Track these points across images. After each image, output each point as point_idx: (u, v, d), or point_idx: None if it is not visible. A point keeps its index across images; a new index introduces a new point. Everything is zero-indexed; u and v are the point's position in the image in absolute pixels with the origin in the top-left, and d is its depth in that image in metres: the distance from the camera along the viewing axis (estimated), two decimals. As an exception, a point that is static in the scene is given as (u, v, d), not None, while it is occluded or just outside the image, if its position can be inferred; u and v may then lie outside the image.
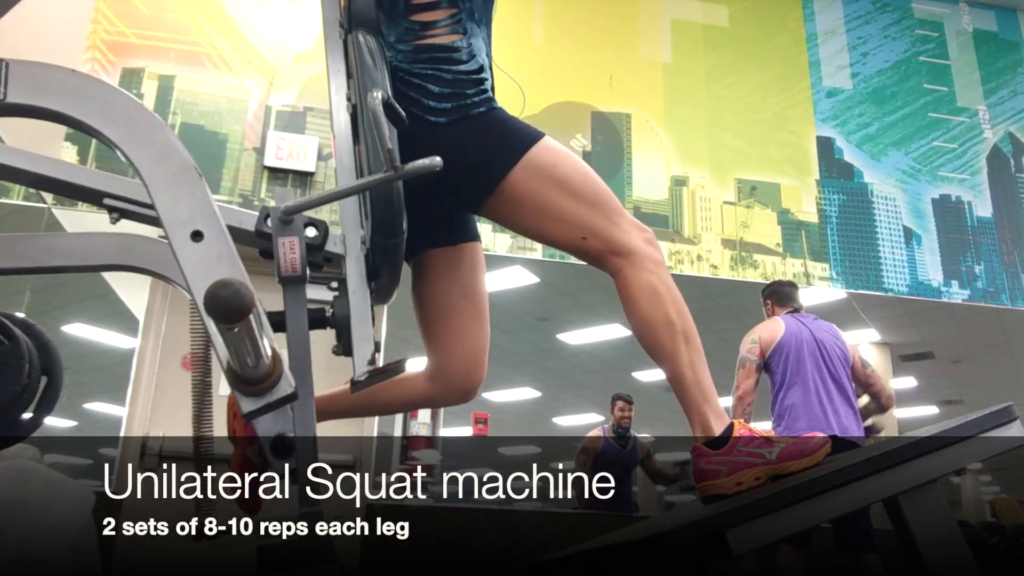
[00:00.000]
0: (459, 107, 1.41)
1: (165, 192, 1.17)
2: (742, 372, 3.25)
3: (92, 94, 1.22)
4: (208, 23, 4.28)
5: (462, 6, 1.48)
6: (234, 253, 1.15)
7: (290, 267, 1.17)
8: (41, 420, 1.42)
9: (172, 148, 1.20)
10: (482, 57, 1.48)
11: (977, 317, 5.70)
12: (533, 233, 1.48)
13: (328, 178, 4.14)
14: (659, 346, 1.40)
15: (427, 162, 1.11)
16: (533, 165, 1.41)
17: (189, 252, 1.13)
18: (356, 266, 1.27)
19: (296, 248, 1.18)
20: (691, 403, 1.38)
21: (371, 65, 1.30)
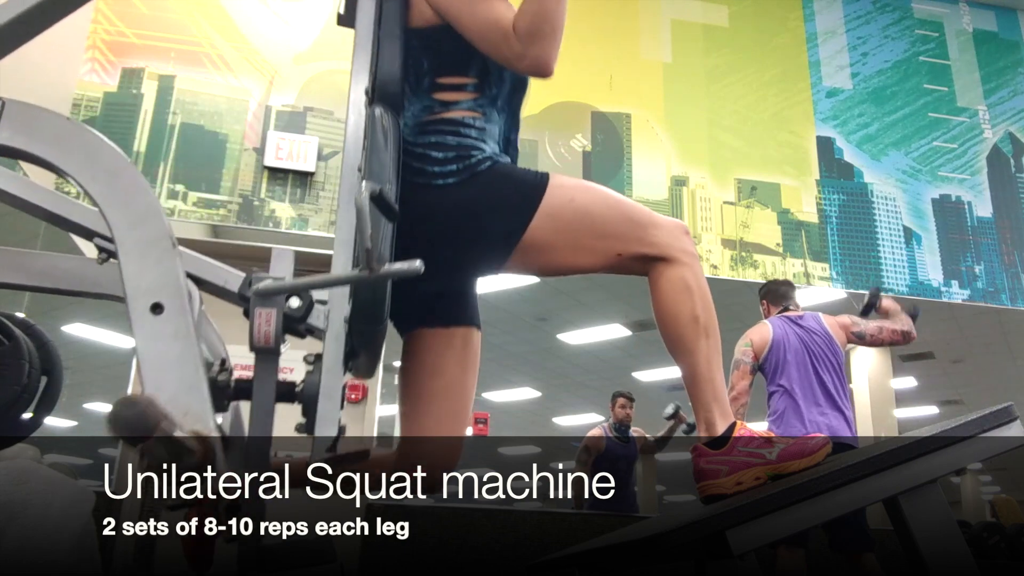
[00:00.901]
0: (466, 167, 1.41)
1: (134, 258, 1.15)
2: (736, 373, 3.32)
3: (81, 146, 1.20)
4: (208, 23, 4.28)
5: (486, 92, 1.48)
6: (191, 332, 1.13)
7: (263, 339, 1.16)
8: (41, 420, 1.42)
9: (151, 213, 1.19)
10: (491, 144, 1.47)
11: (977, 317, 5.70)
12: (565, 270, 1.46)
13: (328, 178, 4.14)
14: (681, 340, 1.40)
15: (406, 266, 1.09)
16: (551, 209, 1.40)
17: (145, 324, 1.12)
18: (334, 344, 1.23)
19: (272, 321, 1.16)
20: (701, 399, 1.39)
21: (381, 146, 1.30)
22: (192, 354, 1.11)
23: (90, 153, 1.20)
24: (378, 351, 1.37)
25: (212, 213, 3.97)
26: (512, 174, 1.44)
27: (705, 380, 1.38)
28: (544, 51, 1.37)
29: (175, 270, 1.16)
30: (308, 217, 4.05)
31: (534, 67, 1.38)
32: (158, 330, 1.11)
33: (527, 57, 1.36)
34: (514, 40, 1.36)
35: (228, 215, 3.99)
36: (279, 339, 1.17)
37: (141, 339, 1.10)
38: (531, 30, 1.35)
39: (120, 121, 4.05)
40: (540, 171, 1.45)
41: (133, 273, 1.15)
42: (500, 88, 1.50)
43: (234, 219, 3.99)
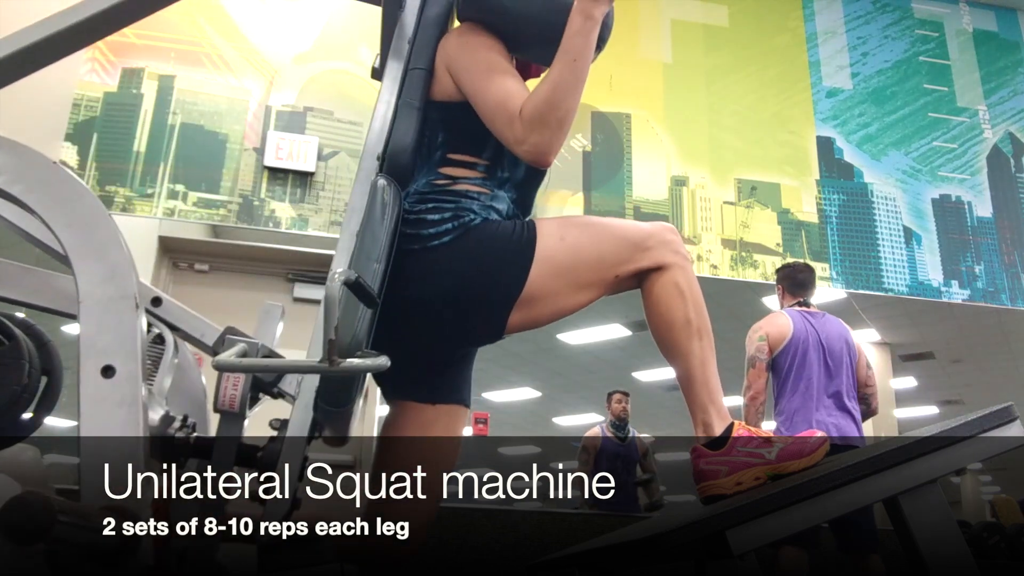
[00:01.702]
0: (460, 225, 1.38)
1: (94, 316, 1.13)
2: (752, 372, 3.18)
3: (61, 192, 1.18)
4: (208, 23, 4.28)
5: (497, 175, 1.47)
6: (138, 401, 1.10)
7: (228, 402, 1.15)
8: (41, 420, 1.42)
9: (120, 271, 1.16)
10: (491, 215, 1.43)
11: (977, 317, 5.70)
12: (569, 311, 1.44)
13: (328, 178, 4.14)
14: (675, 344, 1.40)
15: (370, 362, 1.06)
16: (546, 253, 1.38)
17: (93, 386, 1.10)
18: (302, 414, 1.21)
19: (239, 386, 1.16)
20: (697, 401, 1.38)
21: (377, 219, 1.28)
22: (135, 423, 1.08)
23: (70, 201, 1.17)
24: (346, 427, 1.32)
25: (212, 213, 3.97)
26: (501, 226, 1.41)
27: (700, 382, 1.38)
28: (545, 140, 1.34)
29: (134, 333, 1.13)
30: (308, 217, 4.05)
31: (532, 154, 1.35)
32: (105, 394, 1.09)
33: (527, 143, 1.34)
34: (518, 123, 1.34)
35: (228, 215, 3.99)
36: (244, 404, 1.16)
37: (86, 400, 1.08)
38: (536, 116, 1.33)
39: (120, 121, 4.05)
40: (522, 220, 1.44)
41: (90, 331, 1.12)
42: (513, 173, 1.48)
43: (234, 219, 3.99)
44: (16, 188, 1.17)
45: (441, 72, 1.45)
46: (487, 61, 1.41)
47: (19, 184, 1.17)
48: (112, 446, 1.07)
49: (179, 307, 1.45)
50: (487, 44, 1.43)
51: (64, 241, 1.16)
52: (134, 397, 1.09)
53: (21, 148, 1.19)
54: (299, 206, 4.06)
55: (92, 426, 1.07)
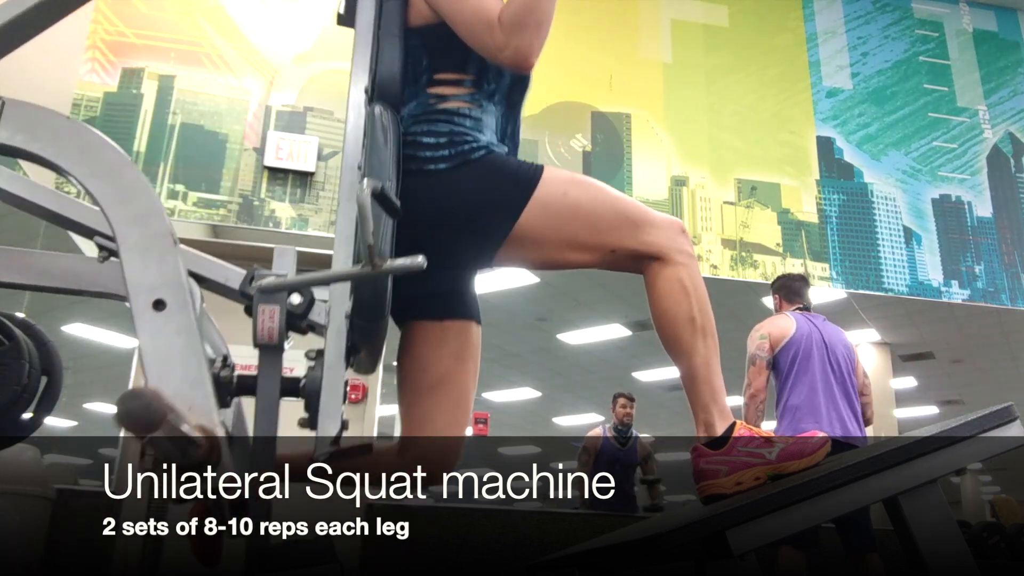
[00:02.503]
0: (459, 152, 1.40)
1: (136, 256, 1.15)
2: (753, 370, 3.19)
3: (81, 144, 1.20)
4: (208, 23, 4.28)
5: (484, 88, 1.48)
6: (193, 329, 1.13)
7: (267, 336, 1.16)
8: (41, 420, 1.42)
9: (153, 212, 1.19)
10: (488, 134, 1.46)
11: (977, 317, 5.70)
12: (558, 265, 1.45)
13: (328, 178, 4.14)
14: (678, 342, 1.39)
15: (408, 261, 1.09)
16: (544, 202, 1.39)
17: (148, 321, 1.12)
18: (336, 340, 1.23)
19: (275, 317, 1.17)
20: (699, 400, 1.38)
21: (381, 143, 1.30)
22: (195, 350, 1.11)
23: (90, 151, 1.20)
24: (379, 347, 1.36)
25: (212, 213, 3.97)
26: (506, 164, 1.43)
27: (703, 381, 1.38)
28: (526, 43, 1.35)
29: (177, 267, 1.16)
30: (308, 217, 4.05)
31: (515, 59, 1.36)
32: (160, 326, 1.12)
33: (508, 48, 1.35)
34: (497, 30, 1.35)
35: (228, 215, 3.99)
36: (283, 335, 1.18)
37: (144, 336, 1.11)
38: (516, 20, 1.35)
39: (120, 121, 4.05)
40: (536, 163, 1.45)
41: (135, 270, 1.15)
42: (498, 84, 1.50)
43: (234, 219, 3.99)
44: (36, 146, 1.19)
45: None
46: None
47: (38, 142, 1.19)
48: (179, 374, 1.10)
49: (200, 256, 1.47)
50: None
51: (93, 190, 1.18)
52: (190, 325, 1.12)
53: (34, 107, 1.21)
54: (299, 206, 4.06)
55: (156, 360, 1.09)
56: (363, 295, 1.24)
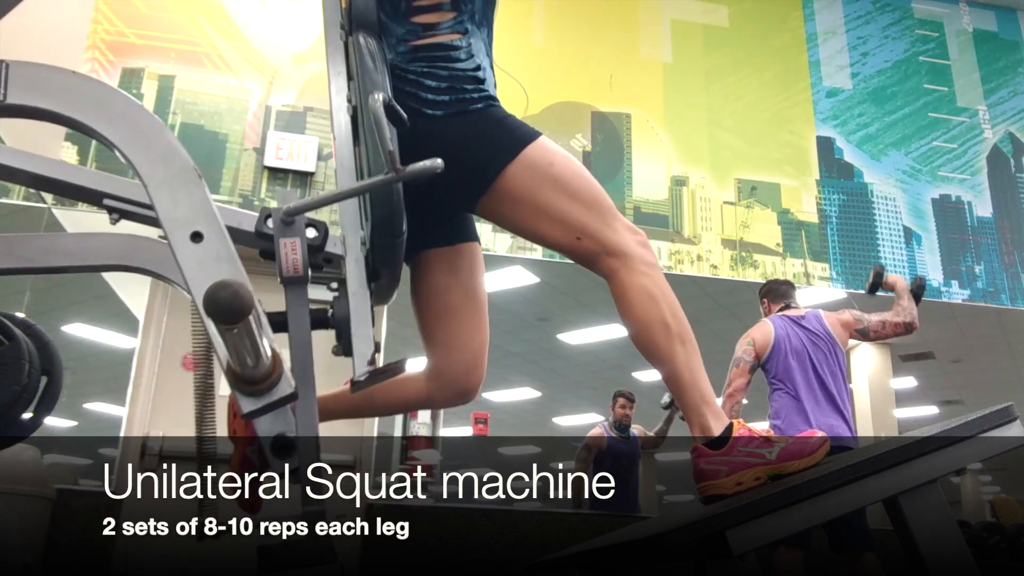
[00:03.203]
0: (457, 100, 1.42)
1: (165, 193, 1.16)
2: (735, 371, 3.30)
3: (92, 96, 1.21)
4: (208, 23, 4.28)
5: (464, 8, 1.49)
6: (233, 254, 1.15)
7: (292, 268, 1.17)
8: (41, 420, 1.42)
9: (173, 150, 1.20)
10: (481, 57, 1.49)
11: (977, 317, 5.71)
12: (528, 232, 1.48)
13: (328, 178, 4.14)
14: (655, 348, 1.40)
15: (428, 164, 1.11)
16: (530, 162, 1.41)
17: (189, 253, 1.13)
18: (356, 267, 1.27)
19: (298, 249, 1.18)
20: (690, 405, 1.38)
21: (371, 67, 1.31)
22: (240, 272, 1.12)
23: (103, 101, 1.21)
24: (398, 268, 1.39)
25: (212, 213, 3.98)
26: (505, 120, 1.45)
27: (689, 385, 1.38)
28: None
29: (206, 198, 1.17)
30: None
31: None
32: (202, 255, 1.13)
33: None
34: None
35: (228, 215, 3.99)
36: (307, 266, 1.19)
37: (189, 268, 1.12)
38: None
39: (120, 121, 4.04)
40: (533, 128, 1.46)
41: (167, 207, 1.16)
42: (475, 1, 1.51)
43: (234, 219, 3.99)
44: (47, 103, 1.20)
45: None
46: None
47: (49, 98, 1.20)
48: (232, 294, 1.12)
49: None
50: None
51: (112, 137, 1.19)
52: (229, 252, 1.14)
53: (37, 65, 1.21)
54: (299, 206, 4.06)
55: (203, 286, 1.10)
56: (379, 213, 1.25)
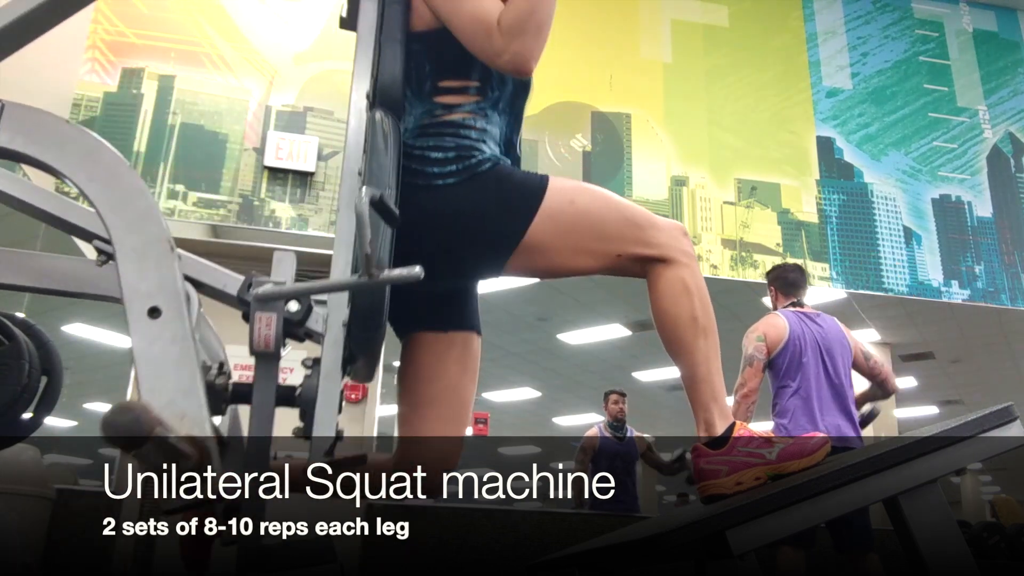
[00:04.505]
0: (466, 167, 1.40)
1: (132, 261, 1.14)
2: (749, 370, 3.19)
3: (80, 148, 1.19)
4: (208, 23, 4.28)
5: (488, 95, 1.47)
6: (188, 336, 1.12)
7: (263, 343, 1.15)
8: (41, 420, 1.42)
9: (150, 217, 1.18)
10: (491, 146, 1.46)
11: (977, 317, 5.71)
12: (564, 273, 1.45)
13: (328, 178, 4.14)
14: (679, 342, 1.40)
15: (405, 272, 1.07)
16: (552, 210, 1.39)
17: (143, 328, 1.11)
18: (333, 349, 1.22)
19: (272, 325, 1.16)
20: (700, 400, 1.38)
21: (381, 148, 1.29)
22: (189, 358, 1.10)
23: (89, 155, 1.19)
24: (377, 356, 1.36)
25: (212, 213, 3.97)
26: (513, 175, 1.43)
27: (704, 381, 1.38)
28: (526, 47, 1.34)
29: (173, 274, 1.15)
30: (308, 217, 4.05)
31: (514, 63, 1.35)
32: (155, 334, 1.11)
33: (508, 52, 1.34)
34: (497, 34, 1.34)
35: (228, 215, 3.99)
36: (279, 343, 1.17)
37: (138, 343, 1.10)
38: (515, 25, 1.34)
39: (120, 121, 4.05)
40: (540, 173, 1.45)
41: (131, 277, 1.14)
42: (502, 91, 1.49)
43: (234, 219, 3.99)
44: (34, 150, 1.19)
45: (417, 2, 1.46)
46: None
47: (36, 146, 1.19)
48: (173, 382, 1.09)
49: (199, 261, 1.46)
50: None
51: (91, 195, 1.18)
52: (184, 333, 1.12)
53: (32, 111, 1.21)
54: (299, 206, 4.06)
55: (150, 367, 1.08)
56: (360, 304, 1.23)
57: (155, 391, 1.07)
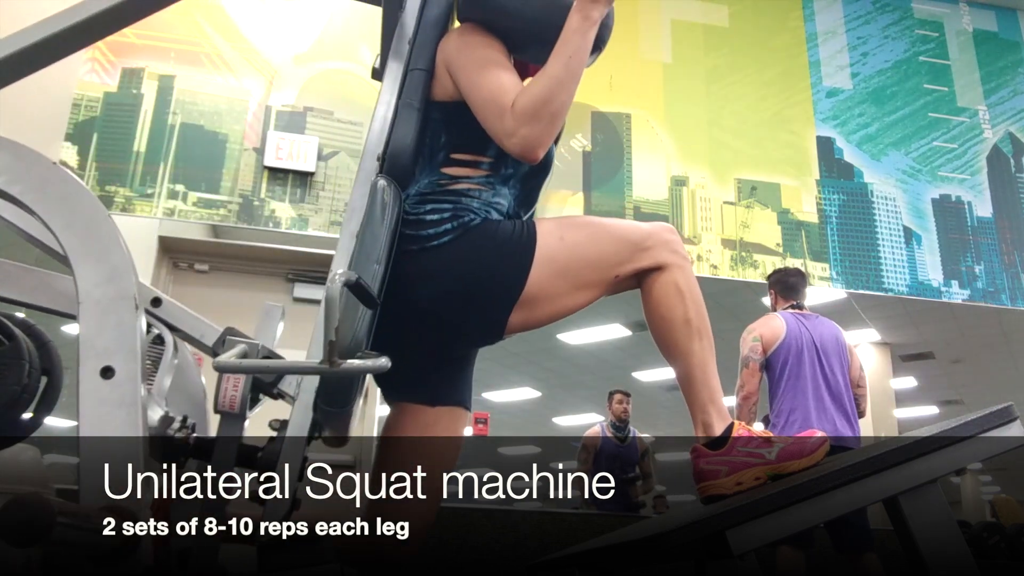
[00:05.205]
0: (460, 224, 1.37)
1: (93, 317, 1.12)
2: (746, 372, 3.20)
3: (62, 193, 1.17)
4: (208, 23, 4.28)
5: (501, 172, 1.45)
6: (137, 401, 1.09)
7: (228, 403, 1.15)
8: (41, 420, 1.42)
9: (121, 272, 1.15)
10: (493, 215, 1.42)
11: (977, 317, 5.70)
12: (568, 312, 1.43)
13: (328, 178, 4.14)
14: (674, 344, 1.40)
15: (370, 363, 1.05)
16: (547, 253, 1.37)
17: (93, 387, 1.09)
18: (301, 414, 1.20)
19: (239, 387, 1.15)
20: (697, 402, 1.38)
21: (377, 220, 1.26)
22: (134, 424, 1.07)
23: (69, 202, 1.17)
24: (346, 428, 1.31)
25: (212, 213, 3.97)
26: (501, 226, 1.40)
27: (700, 383, 1.38)
28: (535, 133, 1.31)
29: (134, 333, 1.12)
30: (308, 217, 4.05)
31: (521, 147, 1.32)
32: (105, 395, 1.09)
33: (517, 136, 1.31)
34: (509, 116, 1.32)
35: (228, 215, 3.99)
36: (244, 405, 1.16)
37: (86, 401, 1.08)
38: (529, 111, 1.31)
39: (120, 121, 4.05)
40: (523, 220, 1.43)
41: (90, 332, 1.12)
42: (517, 168, 1.46)
43: (234, 219, 3.99)
44: (15, 188, 1.17)
45: (441, 72, 1.44)
46: (484, 57, 1.40)
47: (18, 184, 1.17)
48: (112, 447, 1.06)
49: (179, 307, 1.45)
50: (485, 42, 1.43)
51: (64, 242, 1.15)
52: (133, 398, 1.08)
53: (20, 148, 1.19)
54: (299, 206, 4.06)
55: (91, 427, 1.06)
56: (328, 383, 1.20)
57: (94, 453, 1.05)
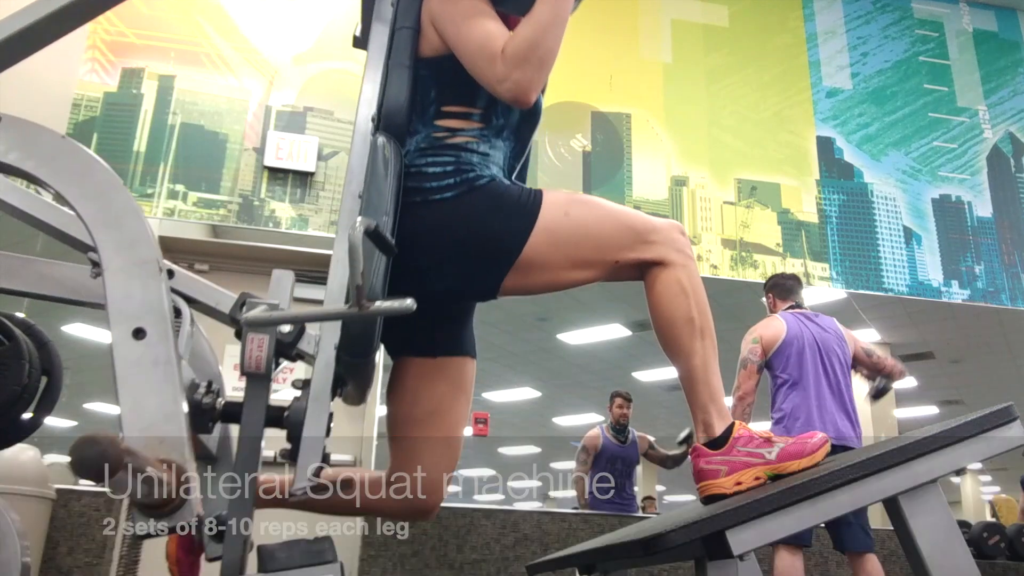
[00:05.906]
0: (464, 180, 1.39)
1: (119, 282, 1.13)
2: (744, 373, 3.20)
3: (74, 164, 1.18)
4: (208, 23, 4.28)
5: (492, 123, 1.46)
6: (172, 359, 1.10)
7: (254, 364, 1.15)
8: (41, 420, 1.42)
9: (140, 237, 1.16)
10: (493, 170, 1.45)
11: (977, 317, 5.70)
12: (563, 286, 1.44)
13: (328, 178, 4.13)
14: (677, 343, 1.40)
15: (397, 304, 1.06)
16: (548, 224, 1.38)
17: (126, 349, 1.09)
18: (323, 372, 1.22)
19: (264, 347, 1.15)
20: (698, 401, 1.38)
21: (381, 175, 1.28)
22: (172, 381, 1.08)
23: (83, 172, 1.18)
24: (368, 381, 1.35)
25: (212, 213, 3.97)
26: (509, 190, 1.42)
27: (701, 382, 1.38)
28: (527, 77, 1.33)
29: (160, 295, 1.13)
30: (308, 217, 4.05)
31: (513, 92, 1.34)
32: (139, 356, 1.09)
33: (509, 80, 1.33)
34: (499, 62, 1.34)
35: (228, 215, 3.99)
36: (270, 365, 1.16)
37: (121, 364, 1.08)
38: (519, 54, 1.33)
39: (120, 121, 4.05)
40: (535, 188, 1.44)
41: (118, 297, 1.12)
42: (507, 119, 1.48)
43: (234, 219, 3.99)
44: (29, 164, 1.18)
45: (427, 28, 1.45)
46: (469, 7, 1.41)
47: (31, 160, 1.18)
48: (154, 405, 1.07)
49: (193, 278, 1.46)
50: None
51: (82, 212, 1.16)
52: (168, 356, 1.10)
53: (28, 124, 1.20)
54: (299, 206, 4.06)
55: (131, 389, 1.06)
56: (351, 332, 1.22)
57: (135, 415, 1.06)
